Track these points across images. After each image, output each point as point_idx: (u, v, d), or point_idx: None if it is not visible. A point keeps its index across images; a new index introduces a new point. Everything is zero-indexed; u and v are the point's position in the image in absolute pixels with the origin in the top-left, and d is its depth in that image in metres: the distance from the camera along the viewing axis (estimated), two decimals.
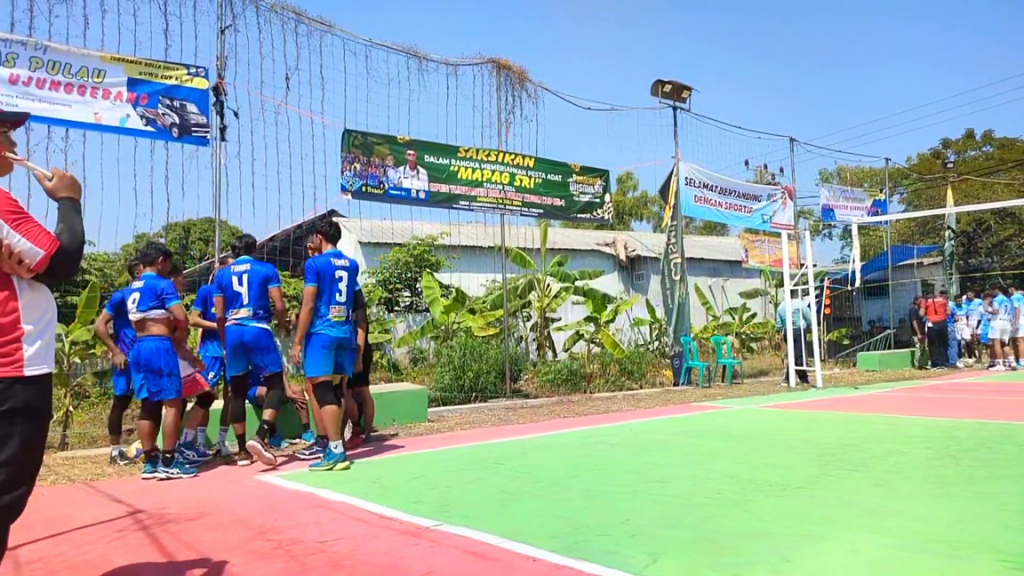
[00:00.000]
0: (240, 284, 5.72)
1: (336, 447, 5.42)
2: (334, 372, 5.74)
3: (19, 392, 2.12)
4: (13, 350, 2.13)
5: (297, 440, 6.88)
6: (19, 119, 2.41)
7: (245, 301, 5.69)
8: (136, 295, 5.42)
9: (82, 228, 2.32)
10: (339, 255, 5.80)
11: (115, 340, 6.14)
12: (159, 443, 5.46)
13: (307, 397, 6.85)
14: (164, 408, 5.44)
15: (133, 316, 5.43)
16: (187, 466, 5.40)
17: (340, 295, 5.63)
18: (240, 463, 5.70)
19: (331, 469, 5.29)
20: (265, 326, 5.80)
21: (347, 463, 5.38)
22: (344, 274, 5.68)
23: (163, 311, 5.34)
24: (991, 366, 15.40)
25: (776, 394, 10.85)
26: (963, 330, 16.35)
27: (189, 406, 5.98)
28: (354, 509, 4.08)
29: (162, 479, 5.19)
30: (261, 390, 6.39)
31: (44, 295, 2.27)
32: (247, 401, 6.72)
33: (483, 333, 12.07)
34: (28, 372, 2.15)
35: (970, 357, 16.86)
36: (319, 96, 8.99)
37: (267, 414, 5.76)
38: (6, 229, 2.10)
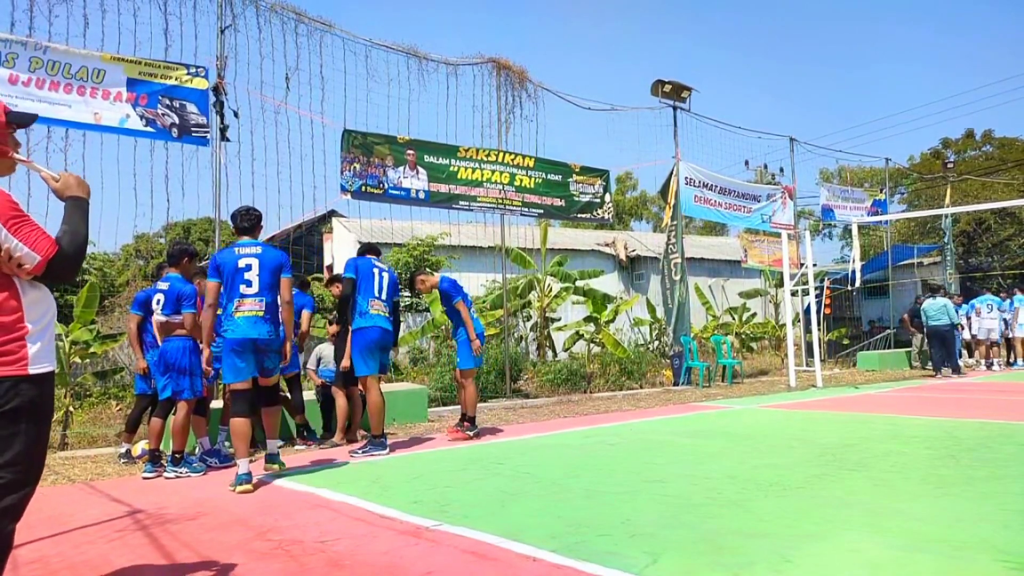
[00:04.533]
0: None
1: (241, 466, 4.72)
2: (260, 375, 5.10)
3: (24, 391, 2.11)
4: (17, 348, 2.12)
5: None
6: (27, 122, 2.38)
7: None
8: (160, 296, 5.46)
9: (85, 231, 2.28)
10: (250, 244, 5.06)
11: (138, 339, 6.13)
12: (166, 444, 5.48)
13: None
14: (176, 407, 5.46)
15: (158, 317, 5.49)
16: (196, 465, 5.42)
17: (249, 287, 4.90)
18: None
19: (234, 489, 4.62)
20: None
21: (247, 486, 4.60)
22: (252, 261, 4.93)
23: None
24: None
25: (776, 394, 10.85)
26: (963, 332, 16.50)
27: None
28: (354, 509, 4.08)
29: (170, 478, 5.21)
30: None
31: (45, 294, 2.26)
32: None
33: None
34: (32, 371, 2.14)
35: (970, 357, 16.95)
36: (319, 96, 9.00)
37: (299, 419, 6.68)
38: (4, 233, 2.08)
